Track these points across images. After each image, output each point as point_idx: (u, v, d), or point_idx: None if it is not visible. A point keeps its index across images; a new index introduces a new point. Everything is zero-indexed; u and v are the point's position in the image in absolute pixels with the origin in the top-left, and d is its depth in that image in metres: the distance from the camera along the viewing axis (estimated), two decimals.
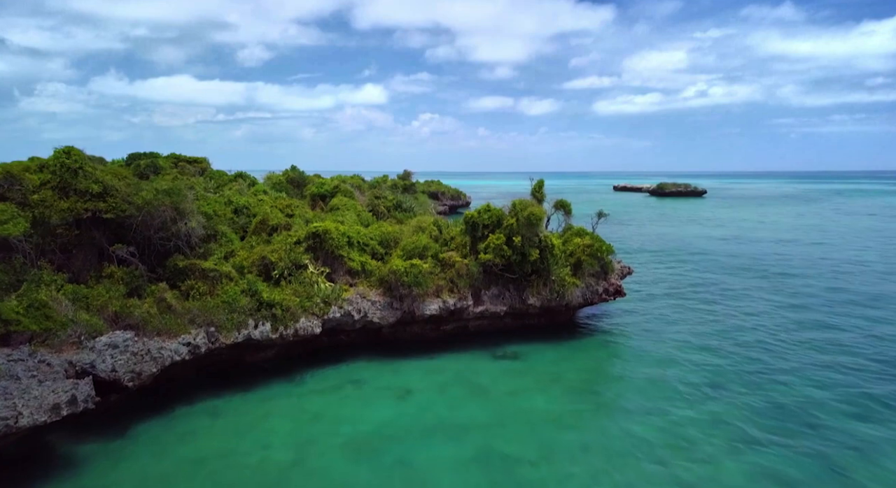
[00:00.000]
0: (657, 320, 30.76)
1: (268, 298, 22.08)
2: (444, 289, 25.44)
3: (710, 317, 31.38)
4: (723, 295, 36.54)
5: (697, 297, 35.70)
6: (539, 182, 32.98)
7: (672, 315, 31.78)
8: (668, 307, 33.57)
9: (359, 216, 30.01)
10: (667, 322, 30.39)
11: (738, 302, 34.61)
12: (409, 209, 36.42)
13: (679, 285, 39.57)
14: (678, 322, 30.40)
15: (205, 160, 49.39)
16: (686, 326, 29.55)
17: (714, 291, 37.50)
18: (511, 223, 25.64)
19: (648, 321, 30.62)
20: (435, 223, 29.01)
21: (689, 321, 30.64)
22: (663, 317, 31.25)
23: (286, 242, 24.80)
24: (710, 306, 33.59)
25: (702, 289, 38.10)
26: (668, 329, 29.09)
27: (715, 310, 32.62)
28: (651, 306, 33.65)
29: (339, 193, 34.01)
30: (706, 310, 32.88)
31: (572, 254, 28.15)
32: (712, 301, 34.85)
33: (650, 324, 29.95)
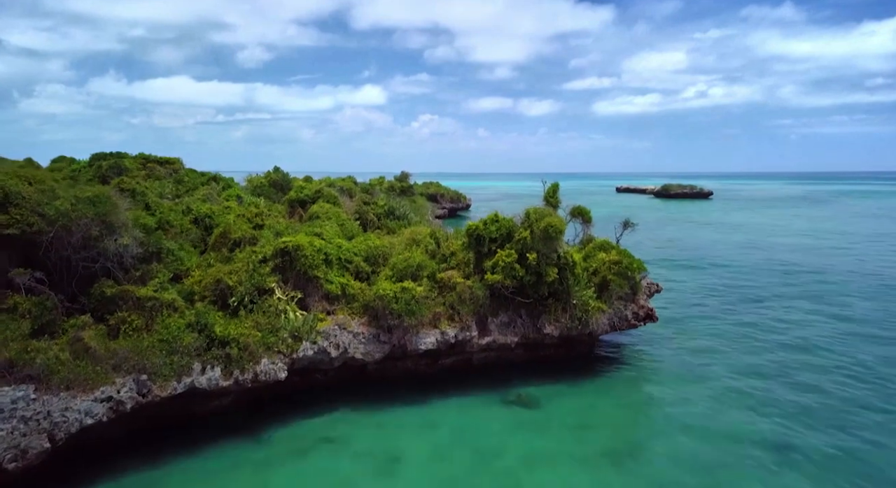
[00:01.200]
0: (693, 347, 26.19)
1: (221, 334, 17.48)
2: (443, 318, 20.84)
3: (756, 343, 26.79)
4: (761, 312, 31.98)
5: (733, 317, 31.11)
6: (553, 185, 28.42)
7: (709, 341, 27.21)
8: (701, 329, 29.00)
9: (342, 226, 25.42)
10: (704, 350, 25.82)
11: (784, 321, 30.04)
12: (402, 216, 31.83)
13: (708, 300, 35.02)
14: (718, 350, 25.83)
15: (177, 161, 44.81)
16: (729, 357, 24.97)
17: (751, 308, 32.93)
18: (524, 237, 21.06)
19: (682, 348, 26.05)
20: (432, 235, 24.42)
21: (731, 348, 26.07)
22: (699, 344, 26.68)
23: (249, 261, 20.21)
24: (752, 329, 28.99)
25: (736, 306, 33.53)
26: (708, 360, 24.51)
27: (759, 335, 28.03)
28: (682, 328, 29.09)
29: (321, 199, 29.42)
30: (747, 333, 28.30)
31: (596, 272, 23.58)
32: (752, 322, 30.25)
33: (685, 354, 25.39)
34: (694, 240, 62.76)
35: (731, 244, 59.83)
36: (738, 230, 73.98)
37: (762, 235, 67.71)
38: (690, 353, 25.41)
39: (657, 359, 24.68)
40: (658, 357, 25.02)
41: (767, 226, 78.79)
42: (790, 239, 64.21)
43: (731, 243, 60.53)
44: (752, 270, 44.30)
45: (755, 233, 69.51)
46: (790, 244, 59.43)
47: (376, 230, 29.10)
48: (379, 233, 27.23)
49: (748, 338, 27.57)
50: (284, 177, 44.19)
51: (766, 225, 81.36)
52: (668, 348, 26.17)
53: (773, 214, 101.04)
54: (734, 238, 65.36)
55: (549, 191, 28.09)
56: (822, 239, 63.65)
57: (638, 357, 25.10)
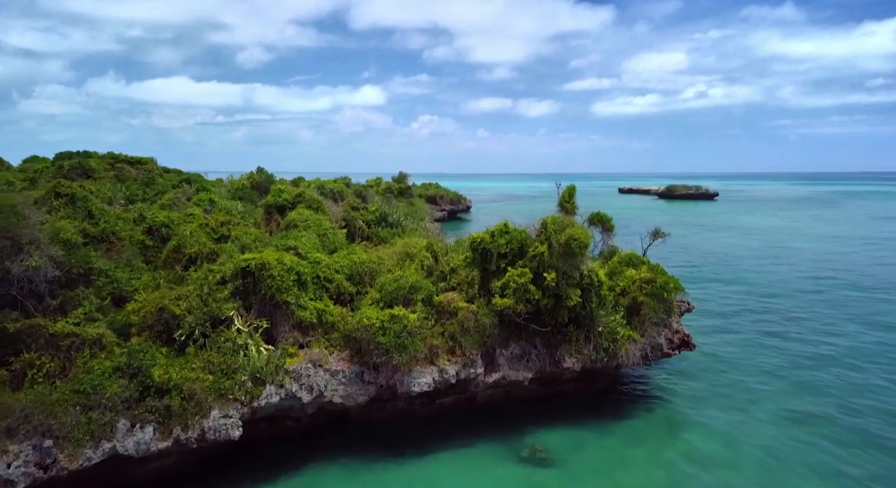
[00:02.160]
0: (732, 380, 22.41)
1: (160, 379, 13.72)
2: (442, 351, 17.05)
3: (805, 373, 22.98)
4: (807, 337, 28.17)
5: (773, 342, 27.26)
6: (569, 188, 24.74)
7: (750, 371, 23.42)
8: (739, 356, 25.21)
9: (323, 237, 21.66)
10: (746, 384, 22.05)
11: (834, 346, 26.24)
12: (396, 223, 28.05)
13: (741, 320, 31.21)
14: (762, 384, 22.07)
15: (150, 160, 41.06)
16: (776, 394, 21.19)
17: (791, 330, 29.12)
18: (541, 252, 17.25)
19: (720, 381, 22.27)
20: (428, 247, 20.65)
21: (777, 381, 22.29)
22: (739, 376, 22.90)
23: (204, 282, 16.43)
24: (799, 357, 25.18)
25: (774, 327, 29.74)
26: (752, 396, 20.76)
27: (806, 363, 24.22)
28: (716, 353, 25.31)
29: (302, 204, 25.65)
30: (795, 362, 24.49)
31: (624, 292, 19.81)
32: (797, 349, 26.45)
33: (724, 387, 21.61)
34: (710, 247, 58.96)
35: (750, 251, 56.05)
36: (753, 234, 70.19)
37: (781, 240, 63.95)
38: (730, 387, 21.62)
39: (693, 396, 20.90)
40: (693, 392, 21.24)
41: (783, 230, 75.03)
42: (812, 244, 60.44)
43: (750, 250, 56.74)
44: (782, 283, 40.49)
45: (773, 238, 65.73)
46: (815, 251, 55.66)
47: (365, 241, 25.35)
48: (367, 245, 23.45)
49: (797, 368, 23.74)
50: (268, 178, 40.47)
51: (781, 228, 77.60)
52: (703, 380, 22.39)
53: (785, 216, 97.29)
54: (751, 243, 61.57)
55: (564, 194, 24.39)
56: (846, 245, 59.86)
57: (669, 391, 21.33)
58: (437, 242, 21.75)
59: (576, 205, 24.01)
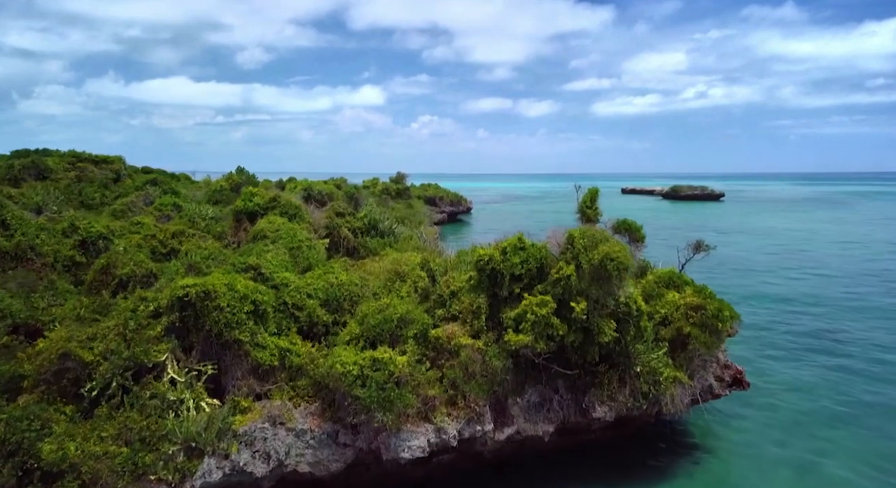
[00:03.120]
0: (787, 418, 18.66)
1: (50, 458, 9.93)
2: (440, 403, 13.25)
3: (877, 414, 19.21)
4: (856, 347, 24.41)
5: (827, 372, 23.41)
6: (591, 191, 20.97)
7: (808, 406, 19.66)
8: (788, 383, 21.45)
9: (295, 251, 17.85)
10: (805, 424, 18.30)
11: None
12: (388, 231, 24.24)
13: (778, 337, 27.45)
14: (823, 421, 18.32)
15: (117, 159, 37.17)
16: (846, 436, 17.44)
17: (843, 348, 25.34)
18: (567, 275, 13.42)
19: (775, 421, 18.50)
20: (424, 265, 16.84)
21: (841, 420, 18.54)
22: (795, 412, 19.14)
23: (131, 317, 12.64)
24: (856, 378, 21.42)
25: (820, 347, 25.96)
26: (815, 441, 17.01)
27: (877, 402, 20.46)
28: (763, 382, 21.51)
29: (275, 210, 21.84)
30: (855, 386, 20.74)
31: (666, 321, 16.00)
32: (856, 360, 22.68)
33: (782, 430, 17.86)
34: (726, 252, 54.98)
35: (771, 257, 52.26)
36: (769, 238, 66.41)
37: (800, 244, 60.16)
38: (789, 433, 17.82)
39: (746, 444, 17.12)
40: (746, 440, 17.44)
41: (800, 233, 71.25)
42: (835, 249, 56.67)
43: (770, 255, 52.95)
44: (816, 294, 36.64)
45: (791, 242, 61.95)
46: (841, 257, 51.88)
47: (348, 256, 21.58)
48: (349, 262, 19.64)
49: (866, 404, 19.94)
50: (250, 179, 36.68)
51: (796, 231, 73.82)
52: (755, 422, 18.59)
53: (798, 218, 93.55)
54: (769, 247, 57.80)
55: (585, 199, 20.61)
56: (869, 249, 56.13)
57: (717, 437, 17.53)
58: (435, 258, 17.93)
59: (599, 212, 20.28)
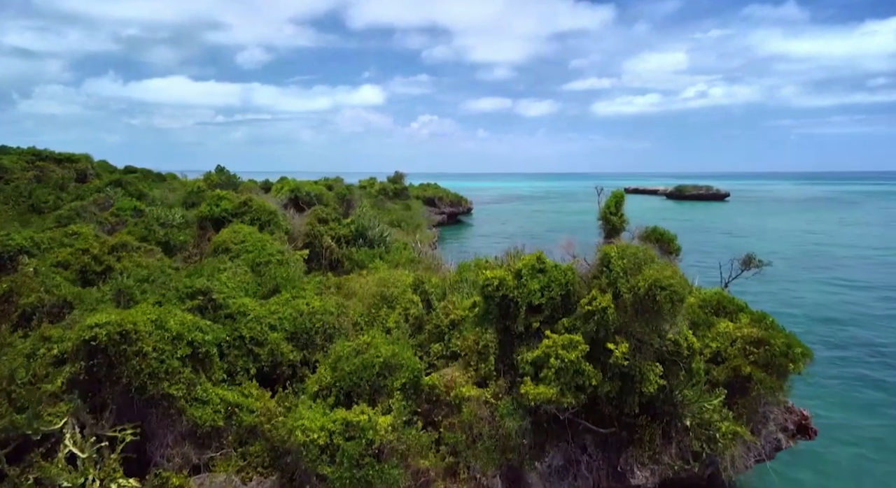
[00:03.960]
0: (856, 469, 15.49)
1: None
2: (436, 477, 10.07)
3: None
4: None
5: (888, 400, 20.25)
6: (616, 195, 17.80)
7: (879, 450, 16.50)
8: (843, 419, 18.27)
9: (261, 268, 14.67)
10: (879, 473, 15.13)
11: None
12: (378, 240, 21.07)
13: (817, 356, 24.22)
14: None
15: (84, 158, 33.89)
16: None
17: None
18: (602, 307, 10.22)
19: (846, 471, 15.34)
20: (417, 286, 13.65)
21: None
22: (868, 459, 15.96)
23: (32, 363, 9.49)
24: None
25: (869, 370, 22.78)
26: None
27: None
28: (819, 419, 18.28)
29: (245, 216, 18.67)
30: None
31: (719, 357, 12.82)
32: None
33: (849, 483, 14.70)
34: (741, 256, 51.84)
35: (789, 261, 48.97)
36: (785, 240, 63.17)
37: (818, 248, 56.93)
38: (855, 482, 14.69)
39: None
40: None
41: (814, 235, 68.02)
42: (856, 251, 53.48)
43: (789, 260, 49.65)
44: (849, 304, 33.38)
45: (808, 245, 58.71)
46: (863, 261, 48.66)
47: (331, 269, 18.44)
48: (331, 279, 16.46)
49: None
50: (231, 179, 33.52)
51: (811, 232, 70.55)
52: (816, 470, 15.43)
53: (810, 219, 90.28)
54: (785, 250, 54.52)
55: (609, 204, 17.42)
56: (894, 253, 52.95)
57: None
58: (430, 277, 14.73)
59: (625, 219, 17.16)
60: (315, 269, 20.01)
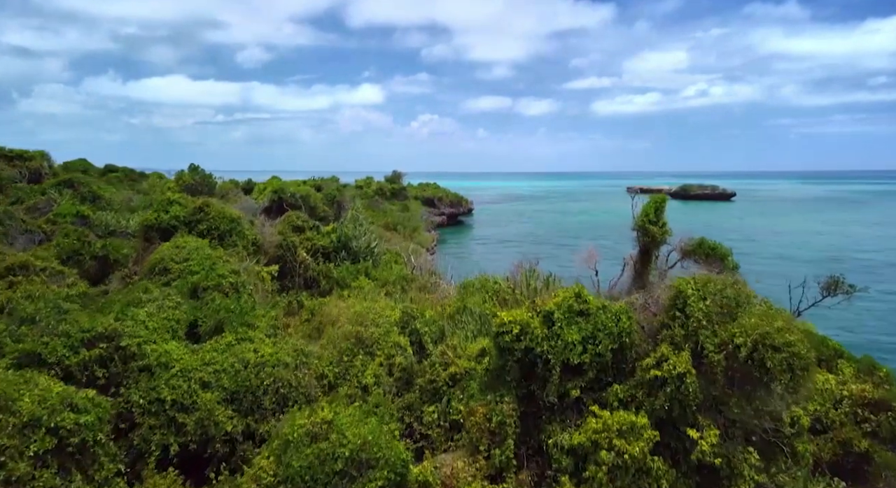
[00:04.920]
0: None
1: None
2: None
3: None
4: None
5: None
6: (656, 200, 14.34)
7: None
8: None
9: (209, 294, 11.18)
10: None
11: None
12: (364, 251, 17.61)
13: None
14: None
15: (38, 155, 30.32)
16: None
17: None
18: (679, 373, 6.78)
19: None
20: (405, 323, 10.15)
21: None
22: None
23: None
24: None
25: None
26: None
27: None
28: None
29: (201, 225, 15.19)
30: None
31: (818, 424, 9.39)
32: None
33: None
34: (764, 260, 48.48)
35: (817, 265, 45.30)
36: (803, 243, 59.71)
37: (843, 251, 53.44)
38: None
39: None
40: None
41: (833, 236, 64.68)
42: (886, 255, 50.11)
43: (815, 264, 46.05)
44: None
45: (830, 248, 55.23)
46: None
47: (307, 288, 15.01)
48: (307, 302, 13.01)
49: None
50: (206, 179, 30.05)
51: (828, 234, 67.16)
52: None
53: (824, 219, 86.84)
54: (808, 254, 51.11)
55: (646, 211, 14.00)
56: None
57: None
58: (425, 310, 11.25)
59: (668, 230, 13.77)
60: (289, 288, 16.59)
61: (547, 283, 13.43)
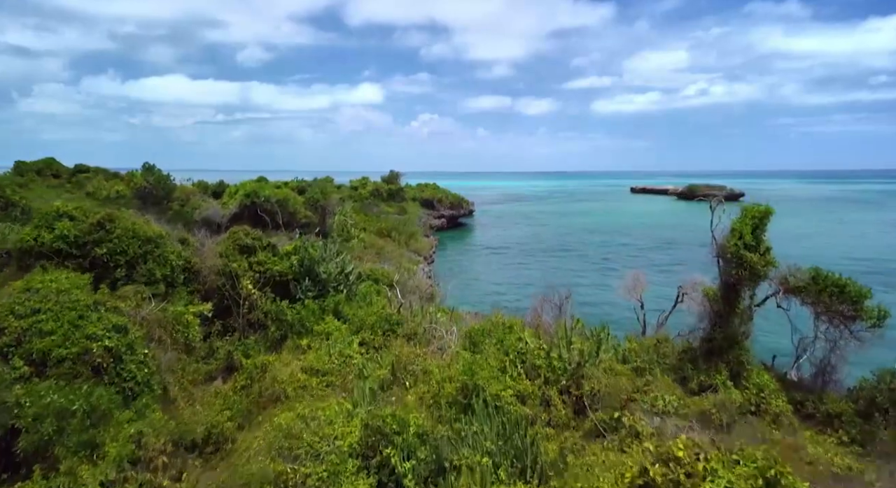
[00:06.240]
0: None
1: None
2: None
3: None
4: None
5: None
6: (753, 212, 9.83)
7: None
8: None
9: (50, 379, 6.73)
10: None
11: None
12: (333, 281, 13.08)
13: None
14: None
15: None
16: None
17: None
18: None
19: None
20: (368, 449, 5.60)
21: None
22: None
23: None
24: None
25: None
26: None
27: None
28: None
29: (98, 246, 10.67)
30: None
31: None
32: None
33: None
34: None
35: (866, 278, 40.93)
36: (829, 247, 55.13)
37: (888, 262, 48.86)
38: None
39: None
40: None
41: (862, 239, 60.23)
42: None
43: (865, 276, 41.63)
44: None
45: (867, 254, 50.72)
46: None
47: (253, 331, 10.56)
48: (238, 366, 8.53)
49: None
50: (163, 181, 25.54)
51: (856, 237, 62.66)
52: None
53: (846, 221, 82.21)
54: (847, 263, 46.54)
55: (739, 230, 9.48)
56: None
57: None
58: (409, 410, 6.73)
59: (771, 259, 9.23)
60: (234, 329, 12.12)
61: (597, 339, 8.97)
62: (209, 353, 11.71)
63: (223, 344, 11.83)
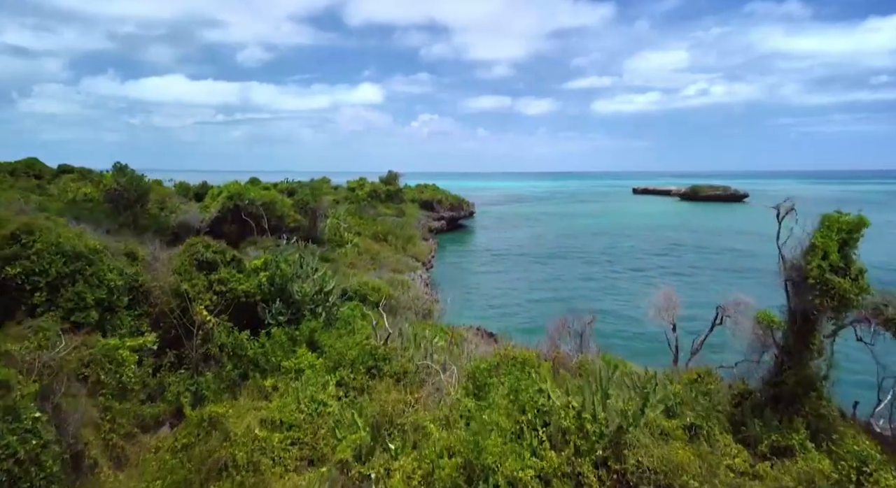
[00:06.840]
0: None
1: None
2: None
3: None
4: None
5: None
6: (841, 224, 7.65)
7: None
8: None
9: None
10: None
11: None
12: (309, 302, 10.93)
13: None
14: None
15: None
16: None
17: None
18: None
19: None
20: None
21: None
22: None
23: None
24: None
25: None
26: None
27: None
28: None
29: (14, 263, 8.56)
30: None
31: None
32: None
33: None
34: None
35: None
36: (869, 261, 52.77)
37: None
38: None
39: None
40: None
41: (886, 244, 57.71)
42: None
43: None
44: None
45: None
46: None
47: (207, 371, 8.42)
48: None
49: None
50: (136, 182, 23.31)
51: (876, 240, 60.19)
52: None
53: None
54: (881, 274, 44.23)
55: (824, 248, 7.38)
56: None
57: None
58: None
59: (864, 284, 7.20)
60: (186, 367, 9.97)
61: (643, 392, 6.84)
62: (157, 392, 9.58)
63: (176, 379, 9.72)
